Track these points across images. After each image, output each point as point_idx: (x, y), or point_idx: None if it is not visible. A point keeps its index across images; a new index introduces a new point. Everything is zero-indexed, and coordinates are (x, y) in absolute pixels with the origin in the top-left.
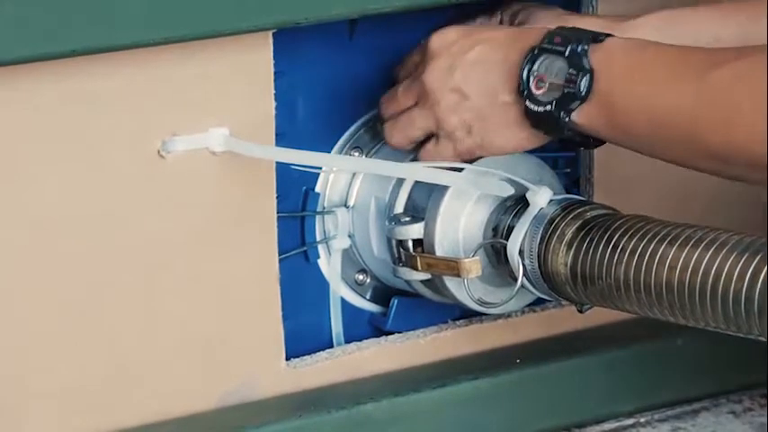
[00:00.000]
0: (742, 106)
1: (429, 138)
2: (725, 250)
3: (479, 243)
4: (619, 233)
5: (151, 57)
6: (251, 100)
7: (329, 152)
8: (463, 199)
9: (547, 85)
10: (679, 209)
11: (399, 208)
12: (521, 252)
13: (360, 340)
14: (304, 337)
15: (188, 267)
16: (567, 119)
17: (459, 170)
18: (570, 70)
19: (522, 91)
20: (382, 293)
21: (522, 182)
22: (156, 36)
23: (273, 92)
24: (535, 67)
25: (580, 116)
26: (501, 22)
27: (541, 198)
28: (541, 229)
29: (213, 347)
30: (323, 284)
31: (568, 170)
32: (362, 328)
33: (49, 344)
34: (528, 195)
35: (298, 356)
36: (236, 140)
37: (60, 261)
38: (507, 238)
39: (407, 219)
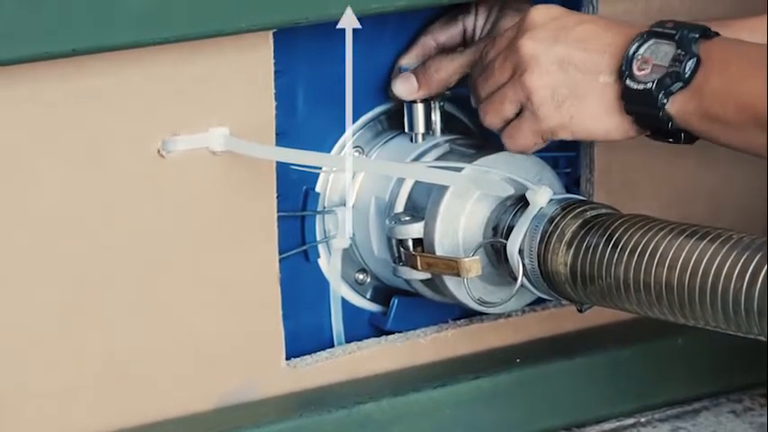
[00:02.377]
0: None
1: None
2: (725, 250)
3: (479, 242)
4: (619, 232)
5: (151, 56)
6: (251, 100)
7: (329, 152)
8: (463, 198)
9: (650, 66)
10: (680, 209)
11: (399, 207)
12: (520, 251)
13: (360, 340)
14: (304, 336)
15: (188, 267)
16: (665, 101)
17: (460, 170)
18: (679, 51)
19: (624, 71)
20: (382, 293)
21: (522, 181)
22: (156, 36)
23: (274, 91)
24: (641, 50)
25: (675, 103)
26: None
27: (541, 197)
28: (541, 228)
29: (213, 347)
30: (323, 284)
31: (569, 170)
32: (363, 327)
33: (49, 343)
34: (528, 195)
35: (298, 356)
36: (236, 140)
37: (60, 260)
38: (507, 238)
39: (407, 218)
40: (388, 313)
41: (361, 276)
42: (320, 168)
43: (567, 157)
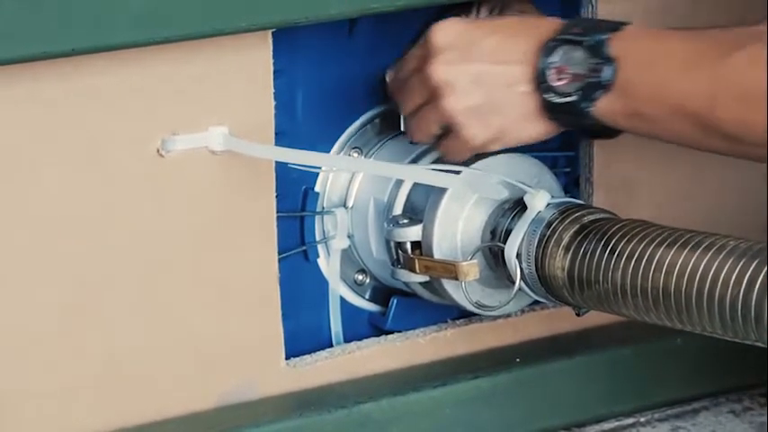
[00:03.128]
0: (758, 88)
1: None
2: (722, 256)
3: (477, 246)
4: (616, 238)
5: (151, 56)
6: (250, 99)
7: (328, 152)
8: (461, 202)
9: (568, 76)
10: (679, 209)
11: (398, 209)
12: (518, 255)
13: (359, 340)
14: (304, 336)
15: (187, 266)
16: (589, 108)
17: (458, 172)
18: (593, 60)
19: (541, 83)
20: (382, 293)
21: (520, 185)
22: (156, 35)
23: (273, 91)
24: (553, 58)
25: (600, 105)
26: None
27: (539, 201)
28: (539, 232)
29: (213, 347)
30: (322, 284)
31: (568, 170)
32: (362, 327)
33: (49, 343)
34: (526, 198)
35: (297, 356)
36: (235, 140)
37: (59, 260)
38: (505, 242)
39: (406, 221)
40: (387, 313)
41: (360, 277)
42: (319, 168)
43: (566, 157)
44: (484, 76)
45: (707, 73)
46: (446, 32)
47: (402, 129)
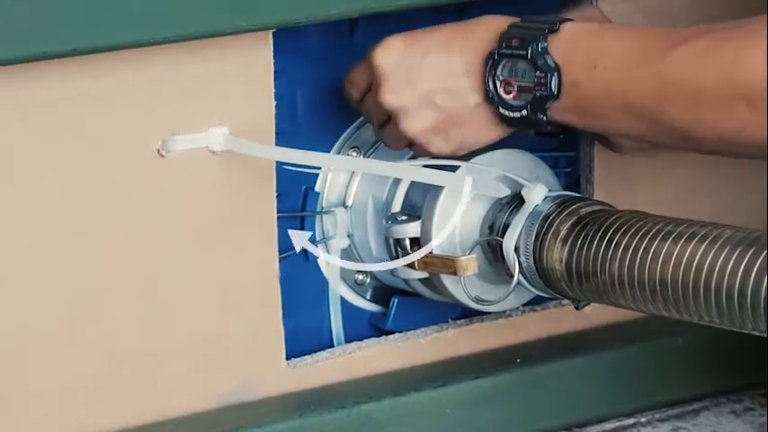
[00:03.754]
0: (706, 84)
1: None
2: (717, 245)
3: (475, 240)
4: (613, 229)
5: (151, 56)
6: (251, 99)
7: (328, 152)
8: (459, 197)
9: (515, 88)
10: (680, 208)
11: (397, 207)
12: (516, 249)
13: (360, 340)
14: (304, 336)
15: (188, 266)
16: (543, 116)
17: (456, 168)
18: (537, 73)
19: (492, 97)
20: (382, 293)
21: (518, 179)
22: (156, 35)
23: (273, 91)
24: (498, 71)
25: (553, 112)
26: None
27: (537, 195)
28: (536, 225)
29: (213, 347)
30: (323, 284)
31: (569, 170)
32: (363, 327)
33: (49, 343)
34: (523, 192)
35: (298, 356)
36: (236, 140)
37: (59, 260)
38: (503, 236)
39: (404, 217)
40: (387, 313)
41: (360, 277)
42: (319, 168)
43: (567, 157)
44: (433, 95)
45: (651, 70)
46: (387, 56)
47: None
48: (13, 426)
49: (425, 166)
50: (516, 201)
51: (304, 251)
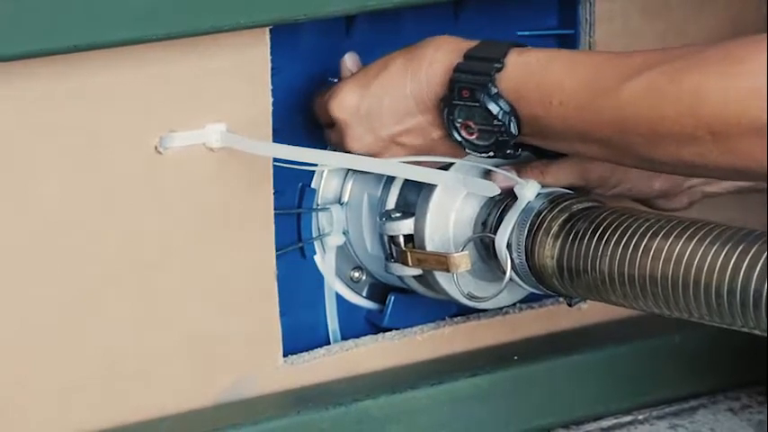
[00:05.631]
0: (665, 116)
1: None
2: (708, 240)
3: (468, 237)
4: (603, 225)
5: (148, 53)
6: (248, 96)
7: (324, 149)
8: (453, 194)
9: (476, 129)
10: None
11: (391, 204)
12: (509, 246)
13: (357, 337)
14: (301, 333)
15: (185, 263)
16: (509, 150)
17: (450, 165)
18: (494, 122)
19: (455, 138)
20: (379, 290)
21: (511, 176)
22: (154, 32)
23: (270, 88)
24: (456, 116)
25: (520, 142)
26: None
27: (529, 191)
28: (528, 222)
29: (210, 344)
30: (320, 281)
31: None
32: (360, 325)
33: (47, 341)
34: (516, 189)
35: (295, 353)
36: (233, 136)
37: (56, 257)
38: (496, 232)
39: (398, 214)
40: (384, 310)
41: (356, 274)
42: (315, 165)
43: None
44: (397, 137)
45: (607, 104)
46: (343, 110)
47: None
48: (12, 424)
49: (419, 163)
50: (509, 197)
51: (301, 248)
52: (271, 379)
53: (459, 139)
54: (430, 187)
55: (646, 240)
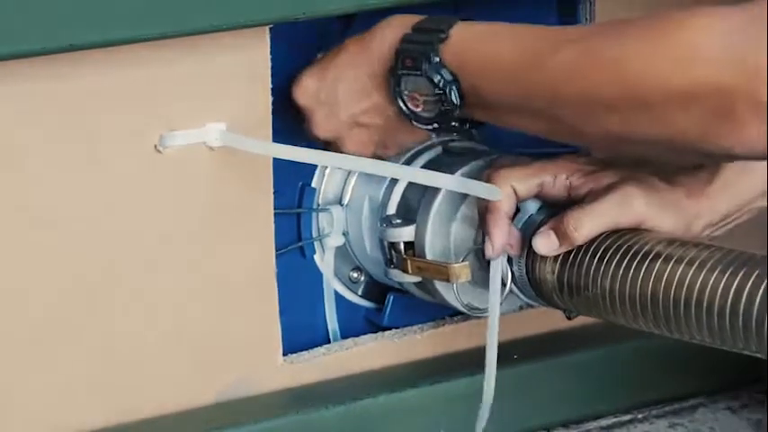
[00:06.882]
0: (590, 82)
1: None
2: (710, 263)
3: (469, 248)
4: (606, 243)
5: (148, 52)
6: (248, 95)
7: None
8: (455, 203)
9: (422, 101)
10: None
11: (392, 209)
12: (509, 258)
13: (357, 336)
14: (301, 332)
15: (185, 262)
16: (455, 123)
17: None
18: (436, 90)
19: (403, 111)
20: (377, 291)
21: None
22: (153, 31)
23: (270, 87)
24: (402, 87)
25: (463, 113)
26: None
27: (531, 204)
28: (530, 235)
29: (210, 343)
30: (320, 280)
31: None
32: (359, 324)
33: (46, 339)
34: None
35: (295, 352)
36: (233, 135)
37: (56, 255)
38: None
39: (399, 221)
40: (384, 309)
41: (355, 274)
42: (315, 165)
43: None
44: (357, 117)
45: (539, 74)
46: (304, 96)
47: None
48: (11, 422)
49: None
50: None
51: (300, 248)
52: (270, 378)
53: (407, 111)
54: (432, 194)
55: (647, 262)
